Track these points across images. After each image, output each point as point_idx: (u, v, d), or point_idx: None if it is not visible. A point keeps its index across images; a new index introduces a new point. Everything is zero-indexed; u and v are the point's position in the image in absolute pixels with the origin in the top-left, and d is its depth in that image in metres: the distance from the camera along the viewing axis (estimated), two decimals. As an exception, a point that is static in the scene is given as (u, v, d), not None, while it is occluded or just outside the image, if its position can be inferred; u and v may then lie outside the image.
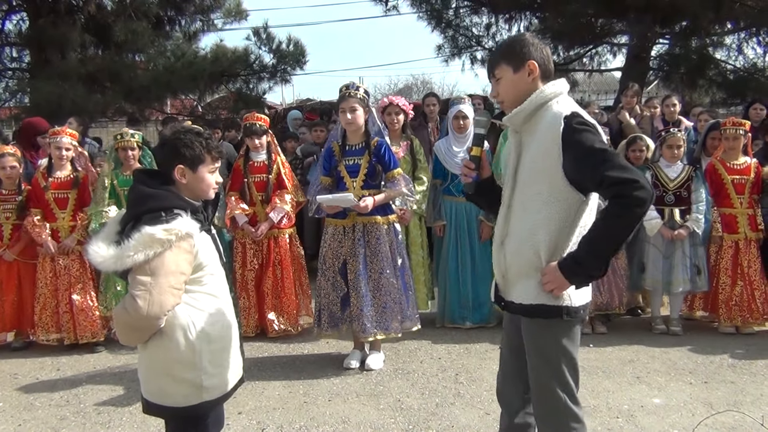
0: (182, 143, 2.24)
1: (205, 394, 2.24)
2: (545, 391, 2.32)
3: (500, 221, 2.40)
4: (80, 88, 9.76)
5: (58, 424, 3.79)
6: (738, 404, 3.81)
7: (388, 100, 5.38)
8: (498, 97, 2.39)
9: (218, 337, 2.27)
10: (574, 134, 2.15)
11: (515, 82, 2.30)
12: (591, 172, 2.11)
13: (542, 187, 2.22)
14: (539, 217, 2.23)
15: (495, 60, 2.36)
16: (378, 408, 3.87)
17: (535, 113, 2.26)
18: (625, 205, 2.06)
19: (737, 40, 10.83)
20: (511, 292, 2.37)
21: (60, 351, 5.07)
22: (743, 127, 5.22)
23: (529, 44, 2.29)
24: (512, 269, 2.34)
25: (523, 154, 2.32)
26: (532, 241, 2.25)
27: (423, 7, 11.81)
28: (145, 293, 2.05)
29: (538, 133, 2.25)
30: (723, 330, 5.18)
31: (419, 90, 31.20)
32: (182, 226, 2.10)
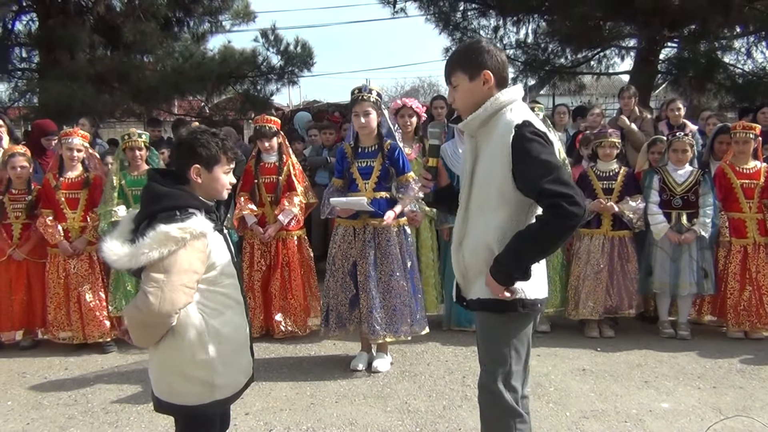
0: (199, 143, 2.27)
1: (217, 393, 2.26)
2: (491, 388, 2.38)
3: (458, 222, 2.49)
4: (89, 89, 9.80)
5: (66, 423, 3.80)
6: (747, 409, 3.79)
7: (401, 102, 5.37)
8: (455, 104, 2.45)
9: (230, 336, 2.28)
10: (523, 143, 2.22)
11: (471, 90, 2.36)
12: (532, 182, 2.19)
13: (495, 190, 2.31)
14: (493, 218, 2.32)
15: (451, 67, 2.41)
16: (385, 410, 3.86)
17: (490, 119, 2.33)
18: (556, 216, 2.14)
19: (746, 43, 10.79)
20: (471, 290, 2.45)
21: (68, 351, 5.09)
22: (753, 131, 5.20)
23: (484, 52, 2.34)
24: (471, 269, 2.42)
25: (479, 158, 2.40)
26: (486, 240, 2.33)
27: (431, 9, 11.81)
28: (157, 290, 2.06)
29: (492, 138, 2.32)
30: (731, 335, 5.16)
31: (426, 92, 31.19)
32: (197, 225, 2.12)
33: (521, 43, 11.81)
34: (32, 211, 5.20)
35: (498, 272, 2.27)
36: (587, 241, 5.21)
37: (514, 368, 2.39)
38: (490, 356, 2.42)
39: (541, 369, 4.49)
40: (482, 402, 2.47)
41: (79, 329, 5.08)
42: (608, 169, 5.26)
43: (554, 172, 2.17)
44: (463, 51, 2.42)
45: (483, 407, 2.47)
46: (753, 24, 10.16)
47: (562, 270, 5.32)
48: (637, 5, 9.21)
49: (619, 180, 5.21)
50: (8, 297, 5.16)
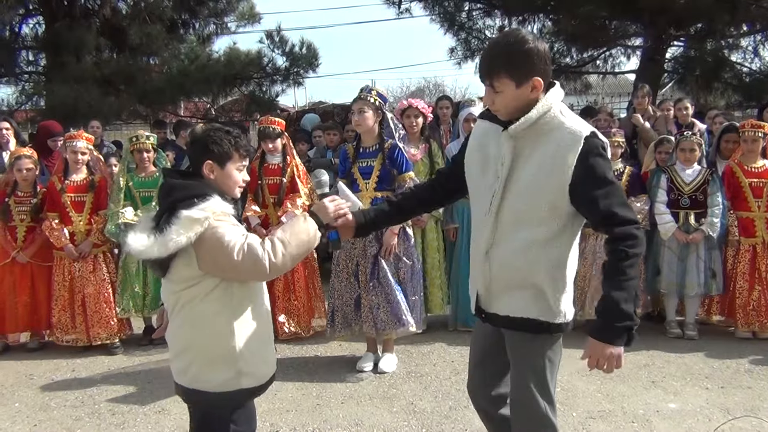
0: (211, 140, 2.30)
1: (244, 380, 2.27)
2: (528, 401, 2.27)
3: (484, 230, 2.27)
4: (95, 91, 9.84)
5: (73, 424, 3.81)
6: (755, 410, 3.77)
7: (407, 102, 5.37)
8: (493, 106, 2.24)
9: (257, 326, 2.32)
10: (590, 158, 2.09)
11: (517, 96, 2.15)
12: (599, 203, 2.08)
13: (542, 202, 2.14)
14: (536, 232, 2.16)
15: (495, 69, 2.15)
16: (391, 411, 3.86)
17: (538, 121, 2.15)
18: (630, 247, 2.06)
19: (753, 42, 10.73)
20: (494, 304, 2.31)
21: (75, 352, 5.10)
22: (762, 130, 5.17)
23: (534, 55, 2.11)
24: (499, 281, 2.27)
25: (521, 165, 2.18)
26: (528, 256, 2.18)
27: (436, 9, 11.81)
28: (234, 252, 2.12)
29: (545, 148, 2.14)
30: (740, 335, 5.12)
31: (431, 93, 31.18)
32: (217, 205, 2.16)
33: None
34: (37, 214, 5.23)
35: (621, 332, 2.09)
36: (593, 241, 5.19)
37: (549, 377, 2.28)
38: (526, 369, 2.29)
39: (547, 369, 4.47)
40: (516, 415, 2.36)
41: (83, 331, 5.09)
42: (613, 168, 5.22)
43: (620, 194, 2.13)
44: (511, 53, 2.13)
45: (517, 419, 2.35)
46: (760, 22, 10.11)
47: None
48: (642, 4, 9.18)
49: (624, 180, 5.19)
50: (12, 299, 5.17)
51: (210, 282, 2.20)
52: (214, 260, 2.16)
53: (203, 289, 2.21)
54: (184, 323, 2.26)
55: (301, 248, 2.27)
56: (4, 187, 5.27)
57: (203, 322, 2.23)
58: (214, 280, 2.20)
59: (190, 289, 2.21)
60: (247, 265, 2.15)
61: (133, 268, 5.22)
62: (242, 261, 2.14)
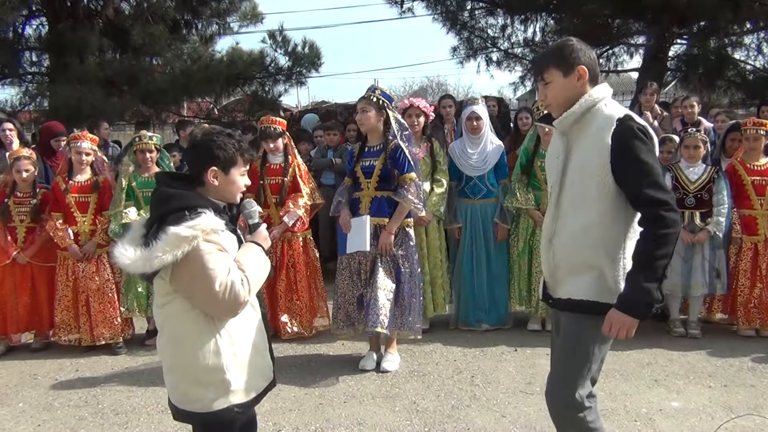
0: (216, 145, 2.23)
1: (233, 397, 2.22)
2: (567, 381, 2.39)
3: (548, 220, 2.49)
4: (98, 92, 9.85)
5: (77, 424, 3.83)
6: (758, 408, 3.76)
7: (408, 102, 5.37)
8: (546, 101, 2.46)
9: (244, 339, 2.25)
10: (625, 138, 2.23)
11: (565, 86, 2.37)
12: (630, 183, 2.23)
13: (591, 186, 2.29)
14: (592, 214, 2.31)
15: (544, 64, 2.42)
16: (393, 410, 3.86)
17: (584, 116, 2.34)
18: (657, 228, 2.19)
19: (756, 39, 10.68)
20: (559, 289, 2.45)
21: (79, 352, 5.12)
22: (764, 128, 5.15)
23: (578, 49, 2.36)
24: (562, 267, 2.42)
25: (572, 155, 2.39)
26: (586, 239, 2.32)
27: (438, 8, 11.79)
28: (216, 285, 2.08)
29: (588, 134, 2.33)
30: (742, 333, 5.11)
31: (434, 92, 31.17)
32: (207, 222, 2.09)
33: (529, 41, 11.76)
34: (38, 215, 5.24)
35: (637, 309, 2.23)
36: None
37: (593, 361, 2.40)
38: (573, 355, 2.41)
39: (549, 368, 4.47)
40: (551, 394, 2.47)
41: (87, 331, 5.11)
42: None
43: (652, 174, 2.22)
44: (557, 48, 2.42)
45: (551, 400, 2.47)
46: (763, 20, 10.06)
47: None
48: (645, 2, 9.15)
49: None
50: (13, 300, 5.19)
51: (186, 301, 2.15)
52: (190, 283, 2.10)
53: (182, 307, 2.15)
54: (168, 341, 2.22)
55: (260, 284, 2.27)
56: (3, 187, 5.29)
57: (186, 342, 2.17)
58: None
59: (170, 304, 2.17)
60: (225, 301, 2.10)
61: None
62: (222, 294, 2.08)
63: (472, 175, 5.36)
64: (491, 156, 5.34)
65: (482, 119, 5.33)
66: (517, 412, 3.80)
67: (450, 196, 5.39)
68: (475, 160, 5.34)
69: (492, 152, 5.35)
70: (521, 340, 5.08)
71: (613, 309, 2.25)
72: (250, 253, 2.26)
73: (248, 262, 2.21)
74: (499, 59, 12.07)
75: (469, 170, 5.35)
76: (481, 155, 5.34)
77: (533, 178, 5.29)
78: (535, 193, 5.27)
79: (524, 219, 5.31)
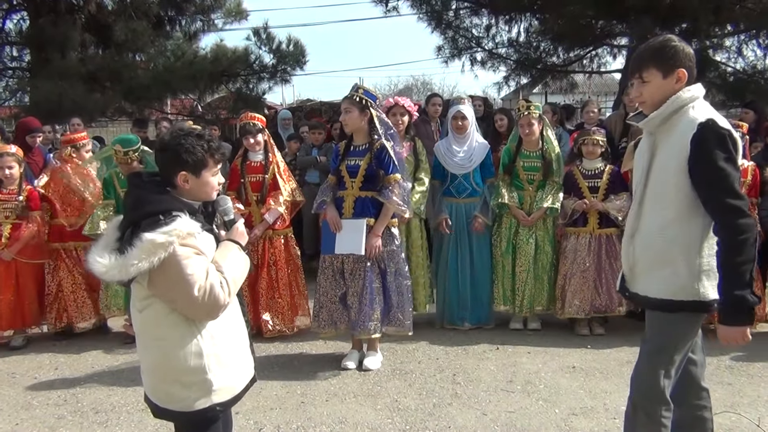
0: (184, 149, 2.18)
1: (215, 396, 2.21)
2: (650, 377, 2.47)
3: (631, 216, 2.56)
4: (80, 88, 9.78)
5: (56, 423, 3.79)
6: (735, 405, 3.82)
7: (393, 100, 5.37)
8: (640, 98, 2.49)
9: (225, 338, 2.25)
10: (704, 143, 2.27)
11: (662, 87, 2.40)
12: (704, 189, 2.29)
13: (671, 185, 2.36)
14: (668, 213, 2.38)
15: (644, 63, 2.44)
16: (375, 408, 3.87)
17: (671, 116, 2.38)
18: (733, 236, 2.24)
19: (737, 42, 10.81)
20: (637, 284, 2.53)
21: (59, 350, 5.08)
22: (740, 130, 5.22)
23: (680, 51, 2.39)
24: (641, 262, 2.49)
25: (657, 154, 2.44)
26: (663, 236, 2.40)
27: (423, 8, 11.79)
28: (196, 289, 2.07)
29: (672, 135, 2.38)
30: (721, 332, 5.17)
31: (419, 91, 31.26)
32: (182, 226, 2.07)
33: (513, 41, 11.81)
34: (24, 212, 5.20)
35: (741, 314, 2.28)
36: (574, 239, 5.22)
37: (674, 355, 2.46)
38: (655, 346, 2.49)
39: (531, 366, 4.51)
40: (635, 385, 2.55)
41: None
42: (593, 167, 5.27)
43: (726, 181, 2.25)
44: (659, 48, 2.43)
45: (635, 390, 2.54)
46: (744, 22, 10.18)
47: (551, 269, 5.32)
48: (628, 3, 9.22)
49: (605, 178, 5.22)
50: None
51: (165, 305, 2.14)
52: (169, 288, 2.09)
53: (161, 311, 2.14)
54: (149, 344, 2.21)
55: (240, 283, 2.28)
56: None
57: (167, 344, 2.16)
58: None
59: (147, 311, 2.16)
60: (205, 305, 2.09)
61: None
62: (201, 299, 2.07)
63: (457, 173, 5.37)
64: (476, 154, 5.36)
65: (468, 119, 5.35)
66: (498, 410, 3.82)
67: (434, 195, 5.40)
68: (460, 158, 5.35)
69: (477, 151, 5.37)
70: (503, 339, 5.11)
71: (721, 326, 2.32)
72: (229, 253, 2.25)
73: (227, 262, 2.20)
74: (484, 59, 12.10)
75: (455, 168, 5.36)
76: (466, 153, 5.36)
77: (515, 177, 5.33)
78: (518, 192, 5.31)
79: (507, 218, 5.34)
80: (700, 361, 2.65)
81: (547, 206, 5.21)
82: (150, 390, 2.28)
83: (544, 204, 5.22)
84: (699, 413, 2.65)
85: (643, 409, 2.50)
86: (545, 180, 5.30)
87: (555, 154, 5.33)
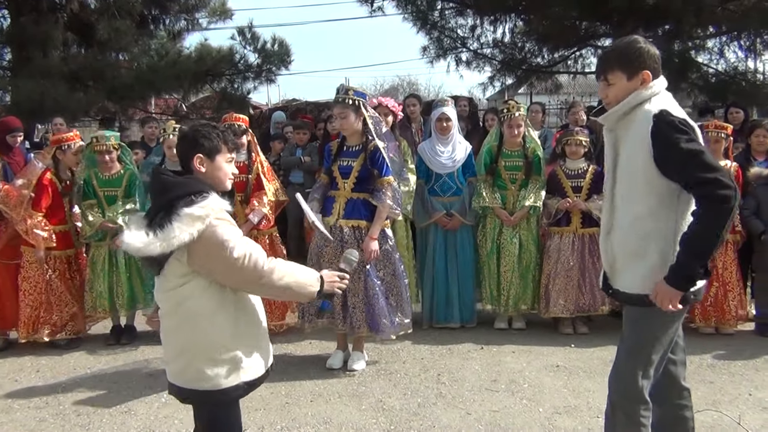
0: (200, 134, 2.37)
1: (243, 374, 2.33)
2: (628, 377, 2.47)
3: (605, 213, 2.60)
4: (62, 87, 9.67)
5: (37, 426, 3.75)
6: (716, 404, 3.85)
7: (377, 101, 5.37)
8: (606, 99, 2.51)
9: (253, 318, 2.39)
10: (662, 132, 2.30)
11: (627, 88, 2.43)
12: (677, 172, 2.30)
13: (639, 180, 2.38)
14: (641, 208, 2.40)
15: (609, 64, 2.47)
16: (360, 408, 3.86)
17: (630, 112, 2.42)
18: (710, 205, 2.24)
19: (719, 43, 10.92)
20: (618, 280, 2.54)
21: (40, 352, 5.02)
22: (725, 131, 5.27)
23: (644, 52, 2.41)
24: (619, 258, 2.51)
25: (620, 151, 2.48)
26: (636, 231, 2.41)
27: (408, 8, 11.79)
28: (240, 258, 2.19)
29: (631, 130, 2.41)
30: (703, 331, 5.23)
31: (405, 91, 31.23)
32: (215, 202, 2.22)
33: (498, 42, 11.85)
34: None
35: (678, 280, 2.31)
36: (557, 239, 5.25)
37: (652, 353, 2.46)
38: (633, 344, 2.51)
39: (515, 365, 4.53)
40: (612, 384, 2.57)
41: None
42: (577, 167, 5.31)
43: (697, 157, 2.26)
44: (623, 49, 2.46)
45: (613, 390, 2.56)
46: (726, 24, 10.29)
47: (535, 268, 5.35)
48: (612, 5, 9.28)
49: (588, 178, 5.26)
50: None
51: (203, 279, 2.24)
52: (208, 258, 2.20)
53: (198, 286, 2.24)
54: (182, 322, 2.28)
55: (295, 286, 2.35)
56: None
57: (202, 320, 2.25)
58: (207, 278, 2.24)
59: (186, 286, 2.24)
60: (245, 269, 2.20)
61: (99, 267, 5.15)
62: (241, 262, 2.19)
63: (441, 172, 5.39)
64: (460, 154, 5.40)
65: (452, 120, 5.38)
66: (482, 409, 3.83)
67: (421, 194, 5.41)
68: (444, 158, 5.38)
69: (460, 151, 5.41)
70: (488, 339, 5.12)
71: (660, 281, 2.34)
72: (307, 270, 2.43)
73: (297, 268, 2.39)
74: (469, 59, 12.13)
75: (439, 168, 5.39)
76: (450, 153, 5.38)
77: (498, 177, 5.35)
78: (501, 192, 5.33)
79: (491, 219, 5.36)
80: (680, 360, 2.66)
81: (529, 204, 5.24)
82: (178, 372, 2.35)
83: (526, 203, 5.25)
84: (680, 413, 2.66)
85: (622, 409, 2.50)
86: (528, 179, 5.33)
87: (538, 152, 5.36)
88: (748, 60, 11.14)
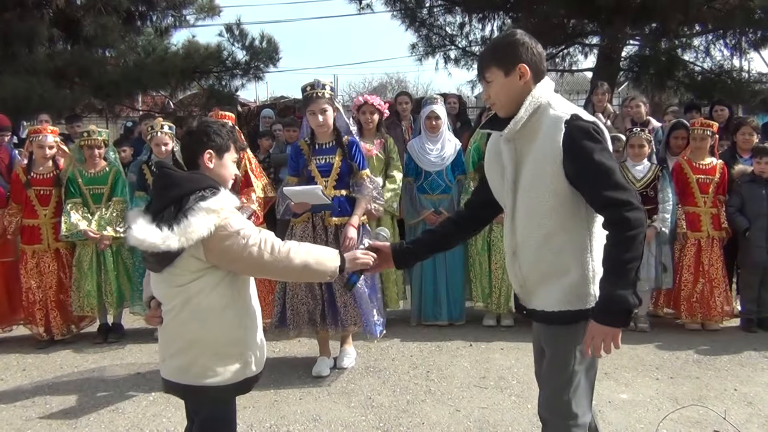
0: (212, 130, 2.38)
1: (248, 369, 2.35)
2: (555, 394, 2.28)
3: (507, 233, 2.35)
4: (48, 84, 9.57)
5: (23, 425, 3.72)
6: (702, 399, 3.89)
7: (363, 99, 5.37)
8: (489, 100, 2.31)
9: (254, 313, 2.41)
10: (575, 141, 2.10)
11: (506, 85, 2.22)
12: (587, 187, 2.11)
13: (547, 192, 2.16)
14: (550, 222, 2.18)
15: (485, 63, 2.26)
16: (349, 406, 3.87)
17: (531, 119, 2.19)
18: (622, 231, 2.05)
19: (705, 42, 11.00)
20: (532, 300, 2.32)
21: (26, 350, 4.99)
22: (711, 129, 5.33)
23: (519, 45, 2.20)
24: (531, 278, 2.29)
25: (523, 162, 2.22)
26: (550, 247, 2.20)
27: (397, 5, 11.79)
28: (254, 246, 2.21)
29: (538, 139, 2.17)
30: (689, 327, 5.28)
31: (394, 88, 31.16)
32: (226, 197, 2.23)
33: (487, 39, 11.84)
34: None
35: (615, 315, 2.08)
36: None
37: (582, 377, 2.26)
38: (559, 367, 2.27)
39: (504, 362, 4.55)
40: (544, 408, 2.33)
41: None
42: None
43: (609, 175, 2.08)
44: (497, 45, 2.30)
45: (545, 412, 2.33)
46: (712, 22, 10.37)
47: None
48: (599, 3, 9.33)
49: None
50: None
51: (215, 275, 2.24)
52: (227, 251, 2.19)
53: (210, 282, 2.24)
54: (191, 318, 2.26)
55: (314, 264, 2.33)
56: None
57: (212, 316, 2.25)
58: (219, 273, 2.24)
59: (196, 282, 2.23)
60: (263, 251, 2.21)
61: (86, 266, 5.11)
62: (259, 247, 2.21)
63: (430, 170, 5.40)
64: (449, 152, 5.41)
65: (441, 118, 5.39)
66: (471, 406, 3.84)
67: (410, 192, 5.41)
68: (434, 155, 5.39)
69: (450, 148, 5.42)
70: (476, 336, 5.14)
71: (592, 322, 2.12)
72: (326, 249, 2.44)
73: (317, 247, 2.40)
74: (457, 57, 12.14)
75: (428, 165, 5.39)
76: (440, 151, 5.39)
77: (487, 176, 5.36)
78: (490, 190, 5.34)
79: (481, 216, 5.36)
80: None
81: None
82: (180, 369, 2.31)
83: None
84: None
85: (553, 428, 2.31)
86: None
87: None
88: (734, 58, 11.22)
